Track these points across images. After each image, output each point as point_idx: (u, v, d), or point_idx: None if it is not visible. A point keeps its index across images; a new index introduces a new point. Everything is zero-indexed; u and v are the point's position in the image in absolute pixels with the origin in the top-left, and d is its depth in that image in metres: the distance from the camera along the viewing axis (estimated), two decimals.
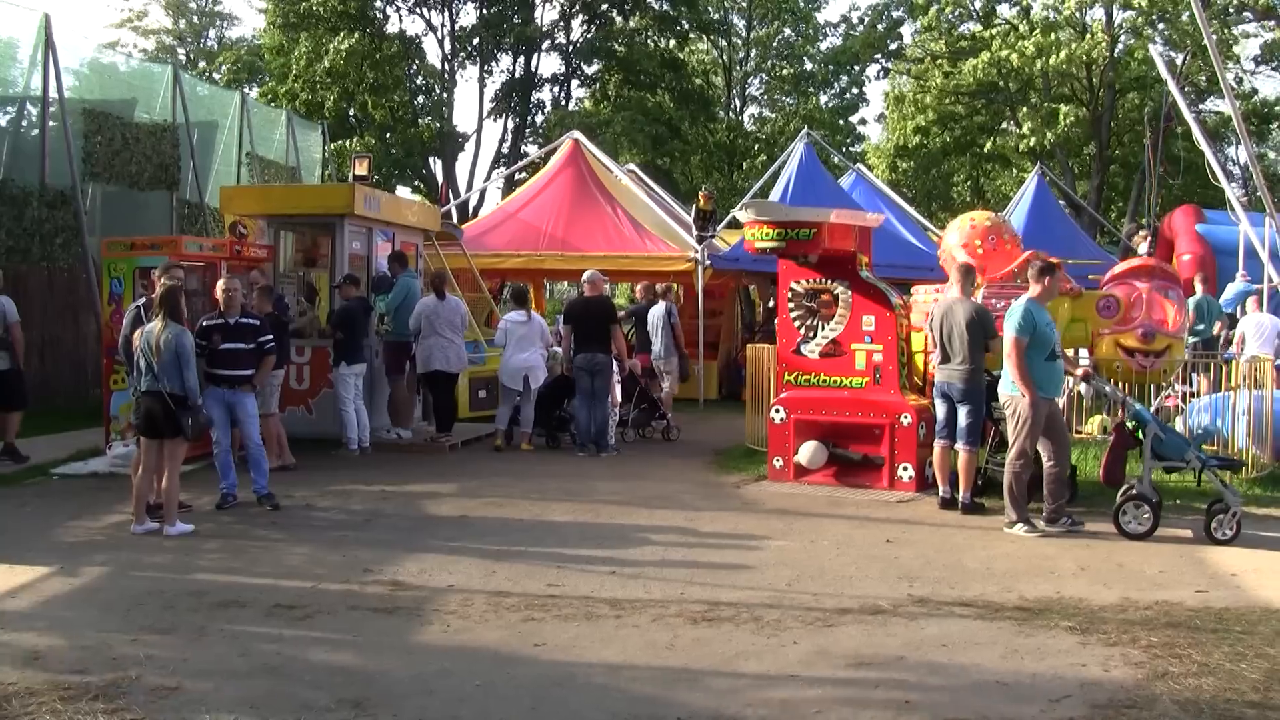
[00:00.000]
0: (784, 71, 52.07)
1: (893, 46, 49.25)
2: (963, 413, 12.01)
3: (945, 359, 12.12)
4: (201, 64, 56.43)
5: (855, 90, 53.97)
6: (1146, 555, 10.10)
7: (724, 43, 53.08)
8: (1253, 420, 13.74)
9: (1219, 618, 8.07)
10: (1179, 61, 39.09)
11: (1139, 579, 9.26)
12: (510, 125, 49.36)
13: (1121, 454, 11.28)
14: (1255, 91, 46.01)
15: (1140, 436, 11.12)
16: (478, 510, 11.94)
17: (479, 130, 48.89)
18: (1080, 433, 16.80)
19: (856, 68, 51.81)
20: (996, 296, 13.75)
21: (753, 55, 52.34)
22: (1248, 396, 13.86)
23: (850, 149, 50.66)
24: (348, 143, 41.35)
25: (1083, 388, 17.53)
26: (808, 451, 13.30)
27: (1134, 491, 10.93)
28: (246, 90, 36.10)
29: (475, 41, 47.61)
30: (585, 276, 16.54)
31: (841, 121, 52.84)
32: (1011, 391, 11.03)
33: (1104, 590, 8.83)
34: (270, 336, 12.30)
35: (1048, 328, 11.07)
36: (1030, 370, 10.85)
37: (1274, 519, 11.69)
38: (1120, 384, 15.00)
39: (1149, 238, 26.54)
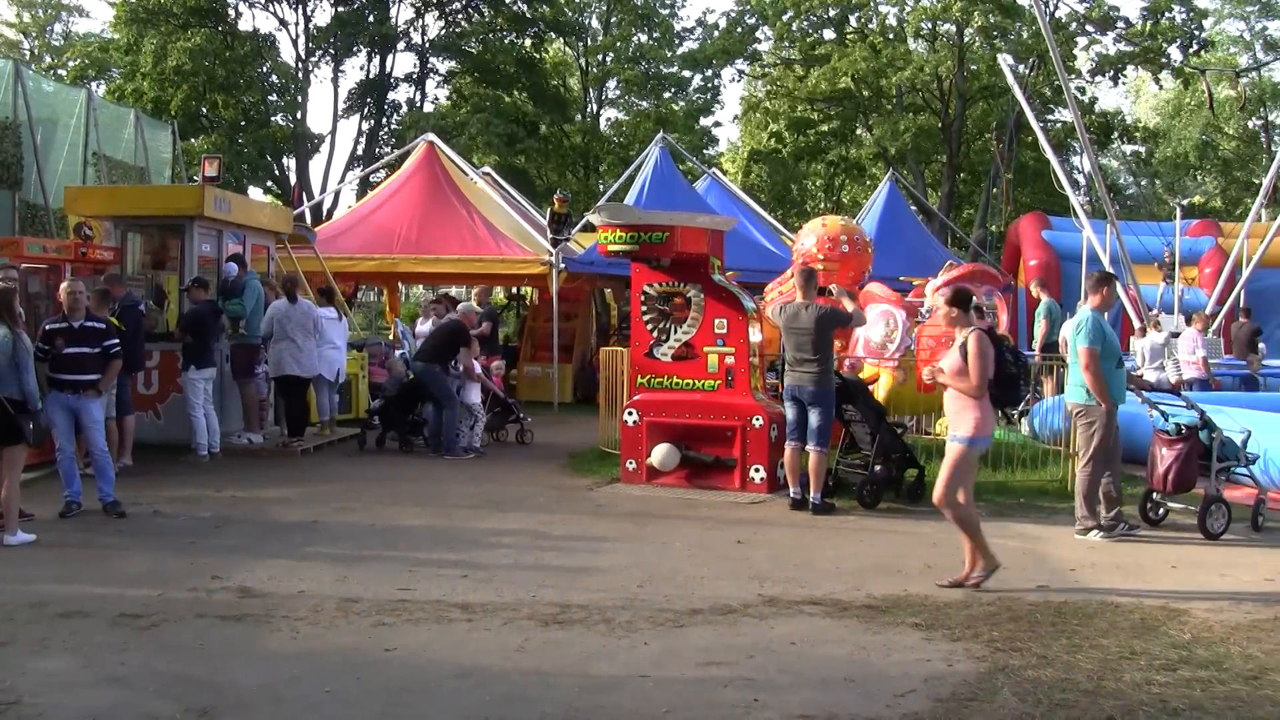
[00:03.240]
0: (635, 73, 52.18)
1: (748, 51, 49.69)
2: (813, 415, 12.18)
3: (795, 362, 12.29)
4: (47, 59, 55.01)
5: (710, 93, 54.28)
6: None
7: (580, 45, 53.07)
8: None
9: (1058, 611, 8.34)
10: (1024, 71, 40.08)
11: None
12: (365, 126, 48.93)
13: (1195, 461, 11.46)
14: (1095, 100, 47.37)
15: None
16: (329, 515, 11.83)
17: (333, 131, 48.46)
18: (929, 434, 17.14)
19: (711, 71, 52.15)
20: None
21: (609, 59, 52.36)
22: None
23: (705, 152, 50.97)
24: (198, 142, 40.61)
25: None
26: (660, 454, 13.39)
27: (1215, 494, 11.30)
28: (94, 87, 35.20)
29: (330, 39, 47.06)
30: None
31: (696, 125, 53.09)
32: (1085, 401, 11.12)
33: (949, 588, 9.04)
34: (116, 340, 12.02)
35: (1113, 337, 11.33)
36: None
37: None
38: None
39: None
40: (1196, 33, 43.50)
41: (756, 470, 13.24)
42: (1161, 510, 11.99)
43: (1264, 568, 10.00)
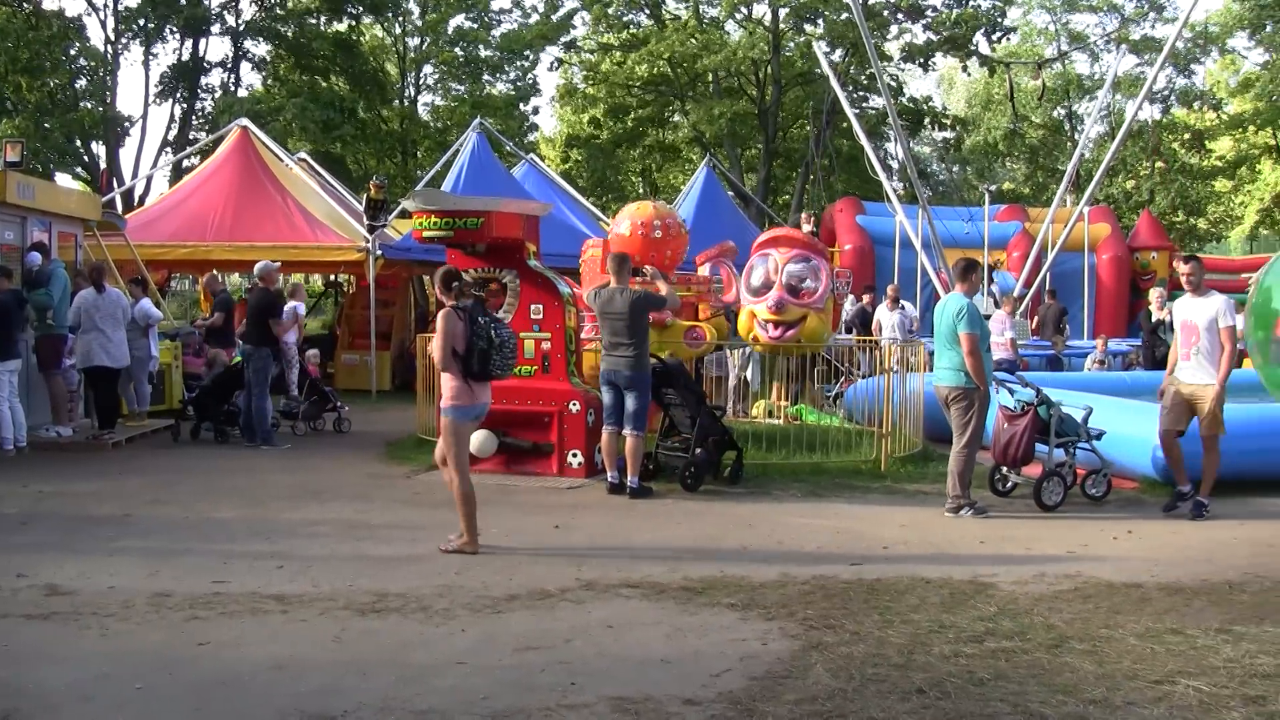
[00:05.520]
0: (452, 56, 51.78)
1: (566, 39, 49.70)
2: (629, 399, 12.29)
3: (610, 347, 12.39)
4: None
5: (529, 79, 54.15)
6: (805, 533, 10.62)
7: (397, 29, 52.50)
8: (907, 402, 14.55)
9: (871, 589, 8.55)
10: (838, 57, 40.81)
11: (798, 555, 9.72)
12: (177, 111, 47.75)
13: (1033, 436, 11.97)
14: (904, 85, 48.40)
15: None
16: (141, 509, 11.58)
17: (145, 116, 47.12)
18: (746, 417, 17.40)
19: (529, 56, 52.05)
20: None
21: (426, 42, 51.84)
22: (901, 380, 14.67)
23: (524, 138, 50.85)
24: (1, 126, 39.30)
25: (749, 372, 18.23)
26: (478, 440, 13.32)
27: (1055, 468, 11.94)
28: None
29: (140, 21, 45.75)
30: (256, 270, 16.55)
31: (516, 111, 52.88)
32: (962, 384, 11.43)
33: (765, 567, 9.20)
34: None
35: (985, 322, 11.84)
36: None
37: (923, 493, 12.39)
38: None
39: (813, 219, 27.61)
40: (1000, 20, 44.62)
41: (574, 455, 13.32)
42: (1010, 483, 12.45)
43: (1067, 541, 10.39)
